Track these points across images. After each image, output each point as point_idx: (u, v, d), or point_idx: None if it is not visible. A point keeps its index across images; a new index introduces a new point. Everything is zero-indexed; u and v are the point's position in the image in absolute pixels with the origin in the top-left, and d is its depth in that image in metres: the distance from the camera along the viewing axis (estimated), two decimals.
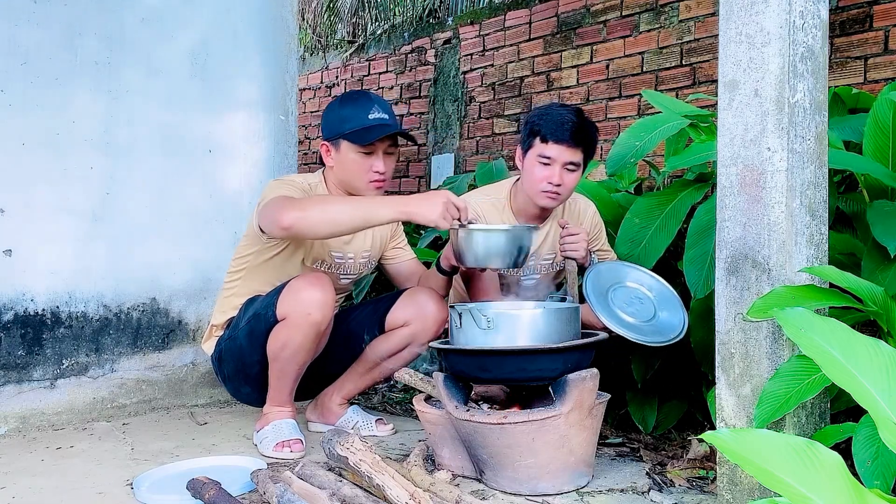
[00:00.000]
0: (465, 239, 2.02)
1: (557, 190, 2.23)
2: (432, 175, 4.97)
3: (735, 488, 1.56)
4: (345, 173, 2.25)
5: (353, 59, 5.71)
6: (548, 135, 2.21)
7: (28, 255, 2.51)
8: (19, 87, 2.49)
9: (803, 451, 0.91)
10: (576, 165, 2.23)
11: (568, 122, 2.21)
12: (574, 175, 2.24)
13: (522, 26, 4.47)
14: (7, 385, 2.48)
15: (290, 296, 2.10)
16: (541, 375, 1.85)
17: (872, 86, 2.96)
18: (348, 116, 2.21)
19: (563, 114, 2.24)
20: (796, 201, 1.53)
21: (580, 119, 2.23)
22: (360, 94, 2.29)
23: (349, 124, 2.19)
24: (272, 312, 2.14)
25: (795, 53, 1.53)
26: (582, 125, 2.22)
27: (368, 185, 2.23)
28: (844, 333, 1.03)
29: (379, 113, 2.21)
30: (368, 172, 2.21)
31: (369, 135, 2.17)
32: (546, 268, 2.43)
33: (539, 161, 2.22)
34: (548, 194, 2.24)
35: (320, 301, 2.08)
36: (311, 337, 2.11)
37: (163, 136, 2.80)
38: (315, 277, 2.14)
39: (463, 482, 1.89)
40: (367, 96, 2.27)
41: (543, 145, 2.21)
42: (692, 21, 3.63)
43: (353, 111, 2.21)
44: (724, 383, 1.59)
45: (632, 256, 2.38)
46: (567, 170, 2.22)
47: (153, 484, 1.86)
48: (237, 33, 2.98)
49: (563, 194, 2.26)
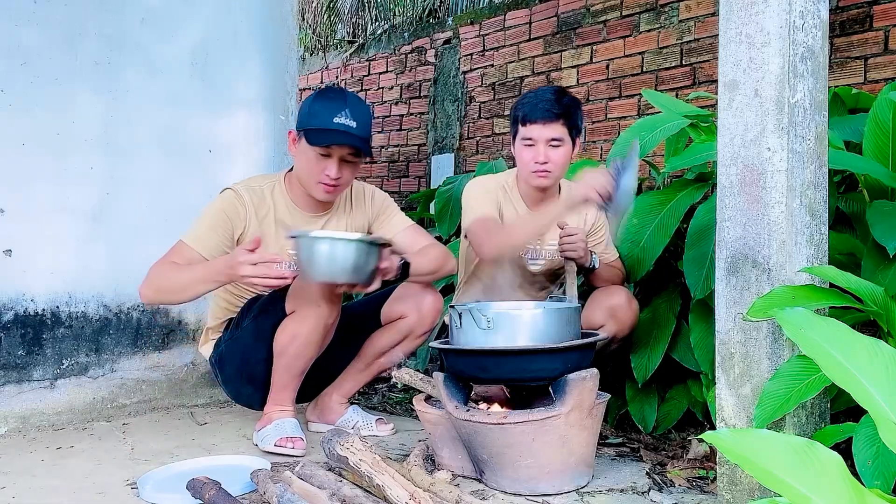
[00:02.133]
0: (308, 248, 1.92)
1: (545, 168, 2.27)
2: (432, 175, 4.97)
3: (735, 488, 1.56)
4: (300, 168, 2.22)
5: (353, 59, 5.71)
6: (525, 116, 2.28)
7: (28, 255, 2.51)
8: (19, 88, 2.49)
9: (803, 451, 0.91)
10: (559, 140, 2.26)
11: (542, 101, 2.26)
12: (560, 150, 2.27)
13: (522, 26, 4.47)
14: (7, 385, 2.48)
15: (299, 289, 2.11)
16: (541, 375, 1.85)
17: (872, 86, 2.96)
18: (316, 113, 2.15)
19: (538, 93, 2.31)
20: (796, 201, 1.53)
21: (555, 95, 2.28)
22: (336, 94, 2.21)
23: (314, 121, 2.14)
24: (280, 307, 2.15)
25: (795, 53, 1.53)
26: (556, 100, 2.26)
27: (317, 186, 2.18)
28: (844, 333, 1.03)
29: (346, 119, 2.12)
30: (320, 174, 2.15)
31: (323, 138, 2.11)
32: (551, 254, 2.43)
33: (523, 144, 2.29)
34: (538, 174, 2.29)
35: (328, 293, 2.09)
36: (319, 329, 2.13)
37: (163, 136, 2.80)
38: None
39: (463, 482, 1.89)
40: (341, 97, 2.18)
41: (524, 128, 2.28)
42: (692, 21, 3.62)
43: (321, 109, 2.14)
44: (724, 383, 1.59)
45: (631, 257, 2.39)
46: (551, 146, 2.26)
47: (157, 483, 1.86)
48: (237, 33, 2.98)
49: (554, 171, 2.29)
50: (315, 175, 2.16)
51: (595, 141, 4.03)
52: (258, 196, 2.23)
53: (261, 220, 2.22)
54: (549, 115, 2.24)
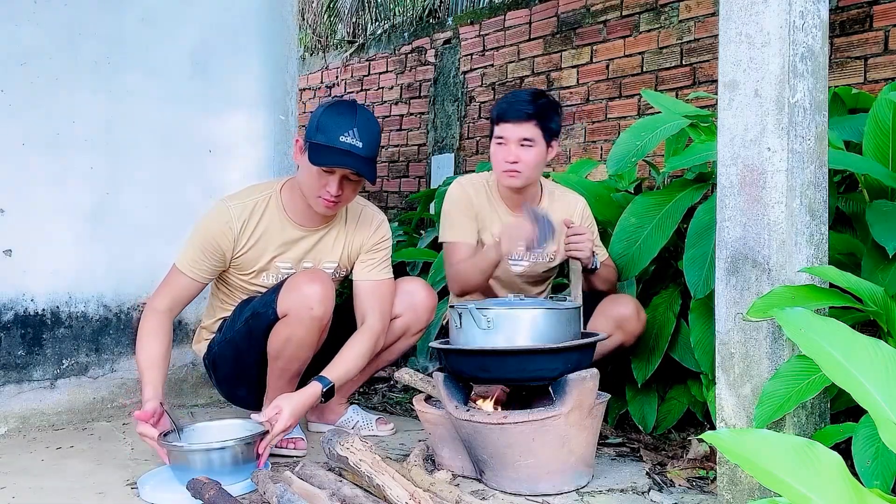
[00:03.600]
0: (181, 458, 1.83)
1: (515, 167, 2.27)
2: (432, 175, 4.97)
3: (735, 488, 1.56)
4: (301, 179, 2.16)
5: (353, 59, 5.71)
6: (499, 115, 2.30)
7: (28, 255, 2.51)
8: (19, 87, 2.49)
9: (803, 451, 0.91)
10: (530, 141, 2.26)
11: (517, 101, 2.28)
12: (532, 151, 2.26)
13: (522, 26, 4.47)
14: (7, 385, 2.48)
15: (290, 292, 2.10)
16: (541, 375, 1.85)
17: (872, 86, 2.96)
18: (324, 128, 2.08)
19: (514, 94, 2.35)
20: (796, 201, 1.53)
21: (530, 96, 2.29)
22: (347, 109, 2.12)
23: (320, 136, 2.07)
24: (272, 310, 2.13)
25: (795, 53, 1.53)
26: (531, 101, 2.27)
27: (316, 200, 2.12)
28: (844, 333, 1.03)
29: (353, 139, 2.05)
30: (321, 190, 2.10)
31: (326, 159, 2.05)
32: (533, 256, 2.42)
33: (496, 143, 2.31)
34: (508, 173, 2.29)
35: (321, 295, 2.07)
36: (313, 332, 2.11)
37: (163, 136, 2.80)
38: (314, 273, 2.13)
39: (463, 482, 1.89)
40: (351, 114, 2.10)
41: (497, 126, 2.30)
42: (692, 21, 3.63)
43: (330, 124, 2.08)
44: (724, 383, 1.59)
45: (626, 256, 2.38)
46: (522, 146, 2.26)
47: (157, 483, 1.85)
48: (237, 33, 2.98)
49: (524, 171, 2.28)
50: (315, 190, 2.11)
51: (595, 141, 4.03)
52: (248, 212, 2.17)
53: (251, 237, 2.18)
54: (521, 115, 2.24)
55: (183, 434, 1.93)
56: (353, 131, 2.06)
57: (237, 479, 1.84)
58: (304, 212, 2.21)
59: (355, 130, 2.06)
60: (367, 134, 2.08)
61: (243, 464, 1.84)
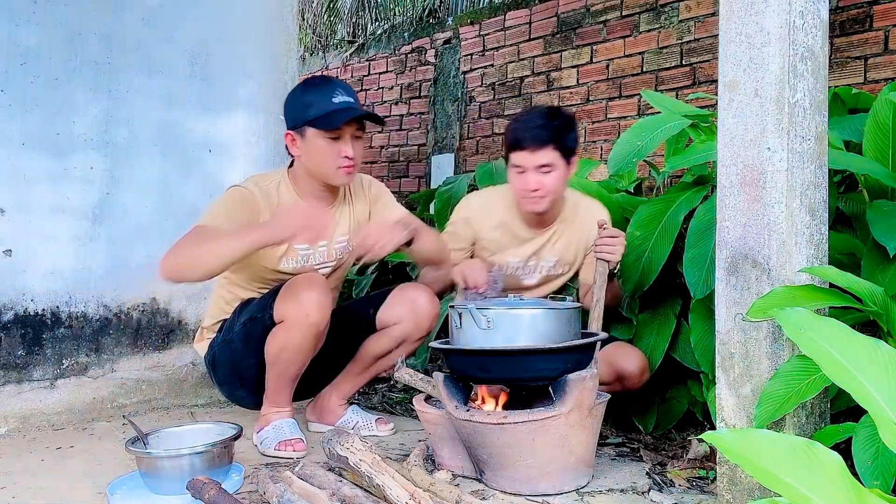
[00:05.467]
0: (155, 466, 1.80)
1: (536, 195, 2.23)
2: (432, 175, 4.97)
3: (735, 488, 1.56)
4: (312, 161, 2.17)
5: (353, 59, 5.71)
6: (514, 144, 2.22)
7: (28, 255, 2.51)
8: (19, 87, 2.49)
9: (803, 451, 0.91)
10: (549, 166, 2.20)
11: (530, 128, 2.20)
12: (552, 175, 2.21)
13: (522, 26, 4.47)
14: (7, 385, 2.48)
15: (287, 298, 2.09)
16: (541, 375, 1.85)
17: (872, 86, 2.96)
18: (312, 102, 2.12)
19: (528, 119, 2.24)
20: (796, 201, 1.53)
21: (545, 119, 2.21)
22: (321, 79, 2.21)
23: (313, 110, 2.11)
24: (269, 315, 2.12)
25: (795, 53, 1.53)
26: (545, 125, 2.19)
27: (338, 172, 2.16)
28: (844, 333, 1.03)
29: (343, 96, 2.12)
30: (337, 158, 2.13)
31: (335, 118, 2.09)
32: (548, 269, 2.42)
33: (514, 171, 2.25)
34: (530, 201, 2.25)
35: (318, 302, 2.07)
36: (309, 338, 2.10)
37: (163, 136, 2.80)
38: (311, 279, 2.13)
39: (463, 482, 1.89)
40: (329, 80, 2.19)
41: (513, 154, 2.23)
42: (692, 21, 3.63)
43: (316, 96, 2.13)
44: (724, 383, 1.59)
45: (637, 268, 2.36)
46: (542, 172, 2.20)
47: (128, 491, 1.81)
48: (237, 33, 2.98)
49: (547, 196, 2.24)
50: (332, 160, 2.13)
51: (595, 141, 4.03)
52: (265, 193, 2.20)
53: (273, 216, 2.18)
54: (537, 142, 2.17)
55: (151, 440, 1.90)
56: (339, 91, 2.14)
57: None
58: (312, 195, 2.25)
59: (341, 90, 2.15)
60: (351, 93, 2.17)
61: (217, 468, 1.83)
